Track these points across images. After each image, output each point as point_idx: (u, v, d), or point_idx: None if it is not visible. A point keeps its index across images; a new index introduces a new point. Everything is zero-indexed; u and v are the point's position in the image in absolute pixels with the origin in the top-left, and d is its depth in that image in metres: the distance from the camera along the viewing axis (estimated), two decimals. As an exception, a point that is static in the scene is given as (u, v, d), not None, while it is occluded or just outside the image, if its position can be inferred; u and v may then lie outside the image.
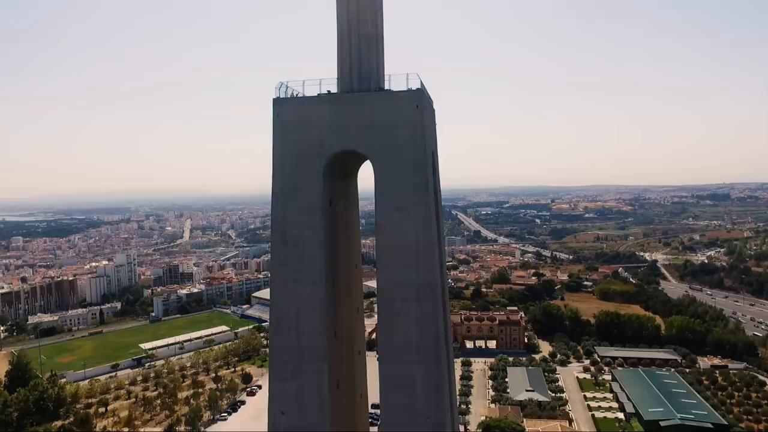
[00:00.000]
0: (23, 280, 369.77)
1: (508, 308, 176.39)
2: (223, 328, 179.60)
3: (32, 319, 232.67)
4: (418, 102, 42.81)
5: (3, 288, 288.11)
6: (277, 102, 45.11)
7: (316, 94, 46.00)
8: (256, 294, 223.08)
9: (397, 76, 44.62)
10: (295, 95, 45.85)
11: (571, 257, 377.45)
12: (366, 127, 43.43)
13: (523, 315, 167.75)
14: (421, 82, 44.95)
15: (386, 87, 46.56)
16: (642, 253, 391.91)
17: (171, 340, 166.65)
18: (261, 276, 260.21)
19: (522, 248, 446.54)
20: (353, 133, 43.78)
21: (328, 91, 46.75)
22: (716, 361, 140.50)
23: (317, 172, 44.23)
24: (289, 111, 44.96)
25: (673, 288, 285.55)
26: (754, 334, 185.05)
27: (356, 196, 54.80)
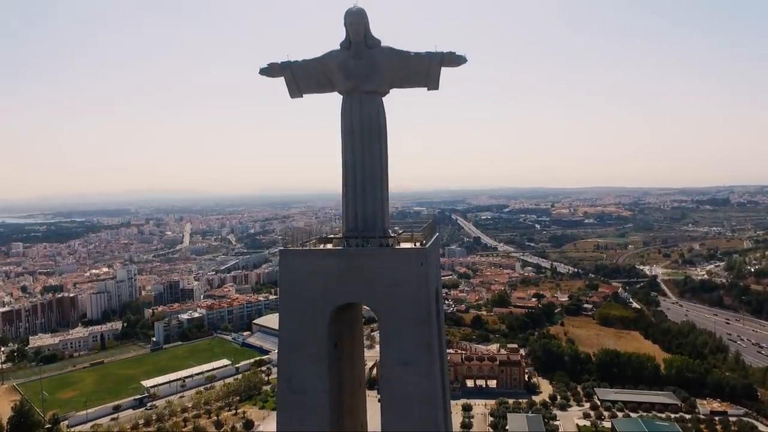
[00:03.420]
0: (23, 289, 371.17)
1: (508, 346, 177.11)
2: (224, 362, 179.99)
3: (33, 340, 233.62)
4: (423, 259, 42.96)
5: (4, 306, 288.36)
6: (284, 253, 45.32)
7: (321, 247, 46.50)
8: (257, 321, 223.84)
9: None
10: (302, 245, 46.24)
11: (570, 270, 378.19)
12: (371, 281, 43.44)
13: (522, 353, 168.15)
14: (424, 236, 45.50)
15: (391, 231, 47.10)
16: (642, 266, 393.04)
17: (173, 376, 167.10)
18: (261, 299, 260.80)
19: (522, 258, 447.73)
20: (358, 287, 43.86)
21: (334, 236, 47.18)
22: (716, 405, 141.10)
23: (322, 321, 44.40)
24: (295, 262, 45.07)
25: (674, 308, 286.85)
26: (753, 364, 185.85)
27: (360, 318, 54.93)
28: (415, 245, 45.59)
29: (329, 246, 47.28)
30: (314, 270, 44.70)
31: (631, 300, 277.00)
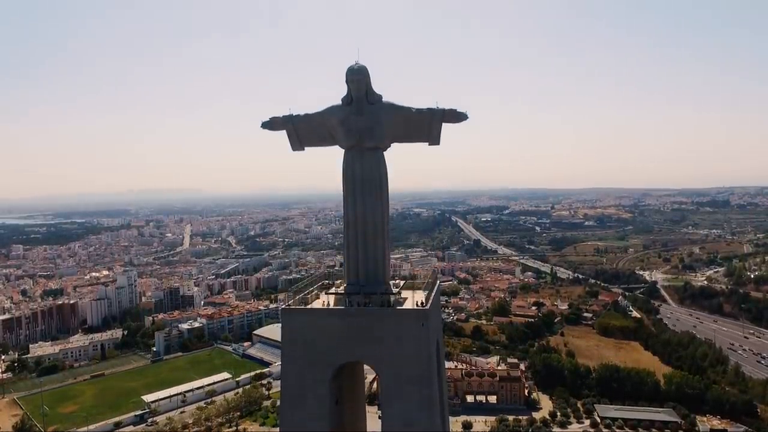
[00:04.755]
0: (23, 292, 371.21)
1: (508, 360, 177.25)
2: (225, 375, 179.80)
3: (33, 349, 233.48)
4: (424, 320, 43.04)
5: (4, 313, 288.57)
6: (286, 312, 45.37)
7: (323, 295, 46.69)
8: (257, 332, 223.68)
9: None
10: (303, 300, 46.37)
11: (570, 275, 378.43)
12: (372, 341, 43.56)
13: (522, 368, 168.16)
14: (425, 290, 45.76)
15: (392, 284, 47.33)
16: (642, 272, 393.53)
17: (173, 390, 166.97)
18: (261, 307, 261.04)
19: (522, 261, 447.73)
20: (359, 346, 44.01)
21: (335, 291, 47.23)
22: (716, 422, 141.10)
23: (324, 380, 44.47)
24: (297, 321, 45.12)
25: (674, 314, 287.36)
26: (753, 376, 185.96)
27: (362, 373, 54.68)
28: (415, 299, 45.76)
29: (331, 297, 47.36)
30: (316, 329, 44.79)
31: (631, 308, 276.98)
